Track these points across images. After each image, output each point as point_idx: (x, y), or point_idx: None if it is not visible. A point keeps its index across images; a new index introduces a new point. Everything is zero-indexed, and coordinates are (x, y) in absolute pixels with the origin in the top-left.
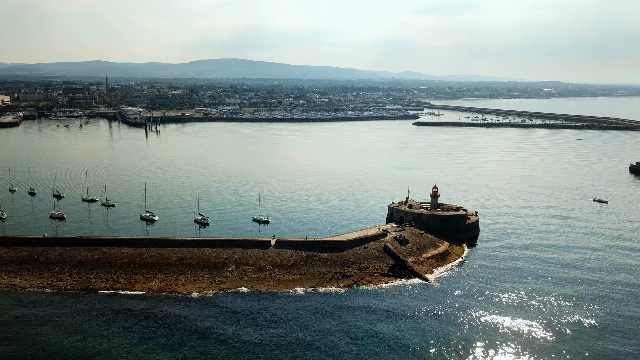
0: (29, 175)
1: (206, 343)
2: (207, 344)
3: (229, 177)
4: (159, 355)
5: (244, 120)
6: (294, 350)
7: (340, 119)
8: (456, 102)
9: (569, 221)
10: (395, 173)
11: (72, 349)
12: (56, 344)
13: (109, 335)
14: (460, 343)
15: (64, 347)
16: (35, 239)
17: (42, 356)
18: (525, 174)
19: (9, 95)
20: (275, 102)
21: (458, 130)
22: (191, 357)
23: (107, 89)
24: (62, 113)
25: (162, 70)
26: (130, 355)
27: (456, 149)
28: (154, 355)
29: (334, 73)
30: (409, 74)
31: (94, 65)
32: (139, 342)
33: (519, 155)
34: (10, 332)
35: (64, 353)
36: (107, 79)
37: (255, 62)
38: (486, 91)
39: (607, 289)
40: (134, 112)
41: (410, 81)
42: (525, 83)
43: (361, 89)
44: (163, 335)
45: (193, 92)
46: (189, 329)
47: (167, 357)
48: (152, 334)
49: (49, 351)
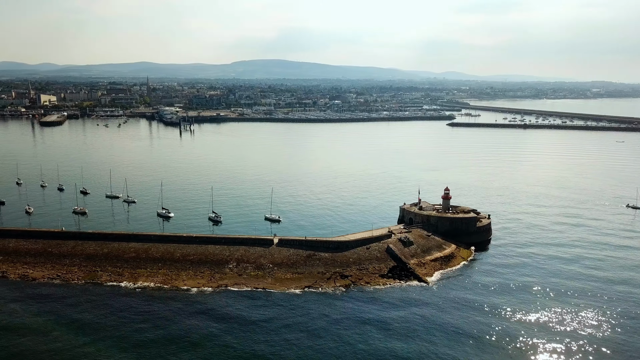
0: (58, 172)
1: (190, 339)
2: (192, 340)
3: (245, 176)
4: (143, 349)
5: (278, 120)
6: (277, 349)
7: (374, 119)
8: (497, 103)
9: (595, 228)
10: (416, 174)
11: (54, 340)
12: (42, 333)
13: (94, 325)
14: (445, 346)
15: (50, 336)
16: (51, 233)
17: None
18: (555, 177)
19: (56, 95)
20: (310, 102)
21: (493, 132)
22: (172, 353)
23: (147, 90)
24: (103, 112)
25: (205, 71)
26: (108, 349)
27: (486, 150)
28: (139, 350)
29: (375, 73)
30: (451, 74)
31: (140, 67)
32: (127, 334)
33: (552, 157)
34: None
35: (49, 342)
36: (148, 79)
37: (296, 63)
38: (530, 91)
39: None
40: (171, 112)
41: (452, 81)
42: (572, 83)
43: (400, 89)
44: (151, 328)
45: (230, 92)
46: (178, 323)
47: (151, 351)
48: (140, 325)
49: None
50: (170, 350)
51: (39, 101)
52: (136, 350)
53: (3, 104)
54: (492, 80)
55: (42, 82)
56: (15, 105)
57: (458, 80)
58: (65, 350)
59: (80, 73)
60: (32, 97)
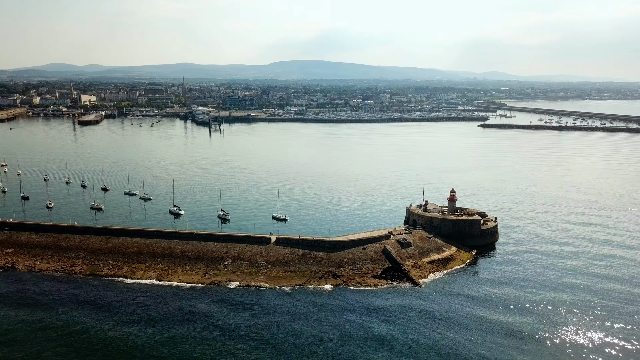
0: (81, 169)
1: (170, 334)
2: (171, 335)
3: (258, 175)
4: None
5: (308, 120)
6: (258, 345)
7: (405, 120)
8: (536, 104)
9: (613, 237)
10: (434, 175)
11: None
12: (29, 323)
13: (83, 316)
14: (423, 349)
15: (36, 326)
16: (62, 227)
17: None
18: (580, 181)
19: (97, 95)
20: (342, 102)
21: (524, 133)
22: (148, 345)
23: (182, 90)
24: (139, 112)
25: (244, 72)
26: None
27: (511, 152)
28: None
29: (413, 74)
30: (492, 74)
31: (181, 67)
32: (117, 325)
33: (581, 159)
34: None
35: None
36: (184, 80)
37: (333, 64)
38: (573, 92)
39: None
40: (202, 112)
41: (492, 82)
42: (619, 84)
43: (436, 89)
44: (140, 320)
45: (264, 93)
46: (167, 316)
47: (136, 340)
48: (132, 316)
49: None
50: (147, 341)
51: (79, 101)
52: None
53: (47, 104)
54: (535, 81)
55: (85, 83)
56: (58, 105)
57: (498, 81)
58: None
59: (124, 74)
60: (74, 97)
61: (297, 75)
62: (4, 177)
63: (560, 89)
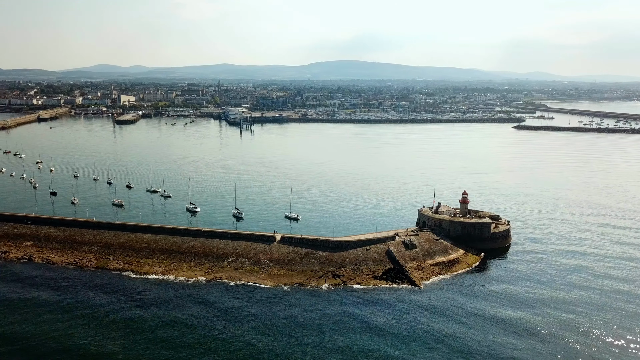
0: (108, 166)
1: (166, 323)
2: (167, 323)
3: (275, 175)
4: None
5: (339, 121)
6: (250, 342)
7: (439, 121)
8: (580, 105)
9: (632, 245)
10: (454, 177)
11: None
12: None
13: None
14: (410, 350)
15: (39, 319)
16: (79, 222)
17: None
18: (607, 186)
19: (136, 95)
20: (375, 103)
21: (560, 135)
22: (145, 340)
23: (218, 90)
24: (175, 112)
25: (282, 72)
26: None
27: (543, 154)
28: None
29: (452, 74)
30: (535, 74)
31: (221, 68)
32: (101, 315)
33: (614, 163)
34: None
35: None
36: (220, 80)
37: (371, 64)
38: (620, 93)
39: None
40: (235, 112)
41: (535, 82)
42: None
43: (475, 90)
44: (136, 314)
45: (298, 93)
46: (163, 311)
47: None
48: (127, 309)
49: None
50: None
51: (119, 101)
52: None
53: (88, 104)
54: (580, 81)
55: (127, 84)
56: (98, 104)
57: (541, 81)
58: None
59: (166, 75)
60: (114, 97)
61: (334, 76)
62: (38, 173)
63: (607, 89)
